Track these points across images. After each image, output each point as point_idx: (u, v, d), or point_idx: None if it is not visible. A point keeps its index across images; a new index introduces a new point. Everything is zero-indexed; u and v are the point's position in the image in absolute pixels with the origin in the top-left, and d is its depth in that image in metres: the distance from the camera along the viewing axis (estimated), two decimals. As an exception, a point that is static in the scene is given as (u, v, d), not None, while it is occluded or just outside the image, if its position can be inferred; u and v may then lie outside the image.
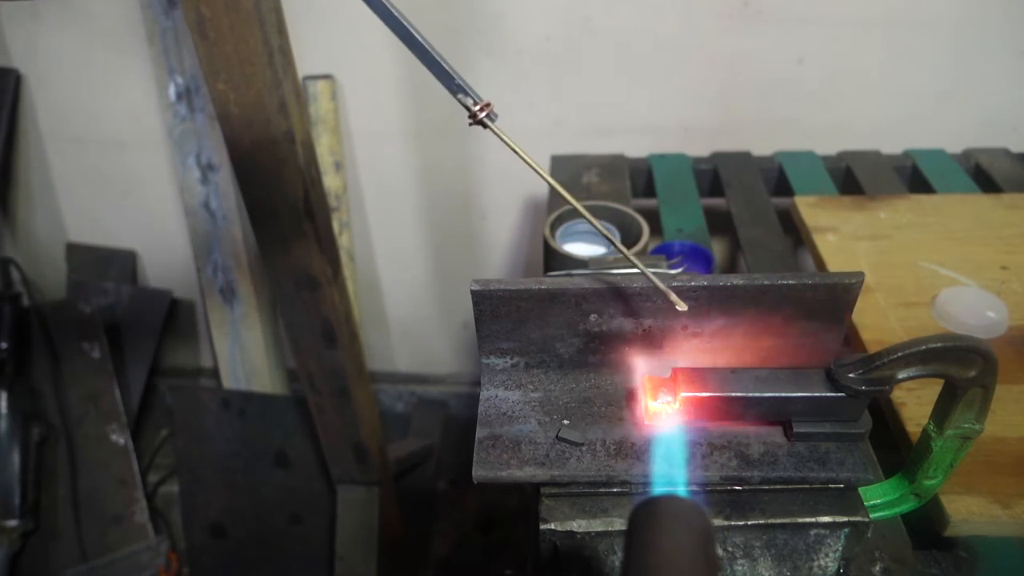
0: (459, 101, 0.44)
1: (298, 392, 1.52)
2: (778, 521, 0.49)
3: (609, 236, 0.48)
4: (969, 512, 0.58)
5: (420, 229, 1.50)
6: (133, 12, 1.33)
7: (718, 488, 0.51)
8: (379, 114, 1.35)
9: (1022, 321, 0.77)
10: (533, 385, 0.57)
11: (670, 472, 0.51)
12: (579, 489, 0.52)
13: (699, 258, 0.91)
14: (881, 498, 0.54)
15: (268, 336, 1.55)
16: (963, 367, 0.46)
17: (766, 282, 0.50)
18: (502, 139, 0.43)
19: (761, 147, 1.18)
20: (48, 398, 1.47)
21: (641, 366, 0.56)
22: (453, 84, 0.44)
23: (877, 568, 0.55)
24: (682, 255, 0.90)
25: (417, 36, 0.43)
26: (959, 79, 1.18)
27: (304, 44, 1.02)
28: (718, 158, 1.16)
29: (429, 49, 0.43)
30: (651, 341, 0.55)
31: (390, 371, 1.75)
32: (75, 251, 1.63)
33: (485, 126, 0.44)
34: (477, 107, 0.44)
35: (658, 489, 0.51)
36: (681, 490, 0.51)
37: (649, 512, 0.32)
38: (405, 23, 0.43)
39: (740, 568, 0.51)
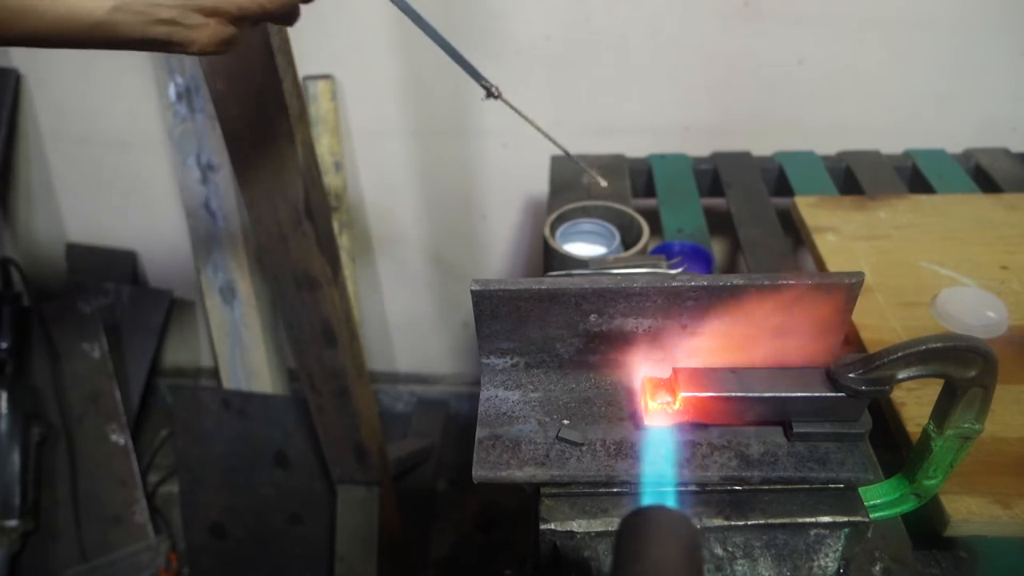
0: (477, 81, 0.56)
1: (298, 392, 1.52)
2: (778, 521, 0.49)
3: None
4: (969, 512, 0.58)
5: (420, 229, 1.50)
6: (133, 12, 1.33)
7: (718, 488, 0.51)
8: (379, 114, 1.35)
9: (1022, 321, 0.77)
10: (533, 385, 0.57)
11: (667, 472, 0.51)
12: (579, 489, 0.52)
13: (699, 258, 0.91)
14: (881, 498, 0.54)
15: (268, 336, 1.54)
16: (963, 367, 0.46)
17: (766, 282, 0.50)
18: (513, 108, 0.55)
19: (761, 147, 1.18)
20: (48, 398, 1.47)
21: (641, 366, 0.56)
22: (471, 68, 0.55)
23: (877, 568, 0.55)
24: (682, 255, 0.90)
25: (435, 29, 0.54)
26: (959, 79, 1.18)
27: (304, 44, 1.03)
28: (718, 158, 1.16)
29: (446, 41, 0.55)
30: (651, 341, 0.55)
31: (390, 371, 1.75)
32: (75, 251, 1.63)
33: (498, 97, 0.56)
34: (492, 87, 0.55)
35: (652, 491, 0.51)
36: (672, 492, 0.51)
37: (637, 522, 0.33)
38: (423, 19, 0.53)
39: (740, 568, 0.51)
